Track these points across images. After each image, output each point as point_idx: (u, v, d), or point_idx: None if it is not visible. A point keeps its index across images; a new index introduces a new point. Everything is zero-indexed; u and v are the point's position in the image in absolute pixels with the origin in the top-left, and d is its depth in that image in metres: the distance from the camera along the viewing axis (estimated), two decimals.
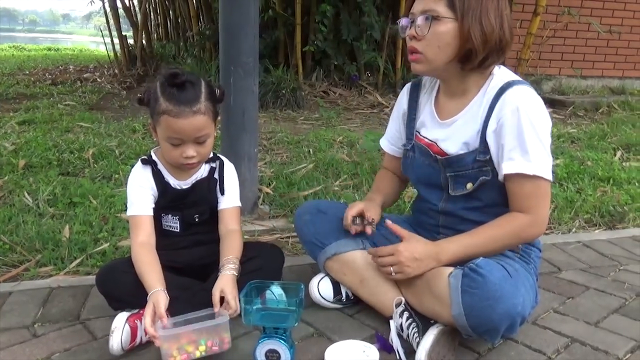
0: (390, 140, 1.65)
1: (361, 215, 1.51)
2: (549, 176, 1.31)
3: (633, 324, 1.53)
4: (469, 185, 1.38)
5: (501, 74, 1.37)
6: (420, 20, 1.32)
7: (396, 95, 5.78)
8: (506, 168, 1.31)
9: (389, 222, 1.42)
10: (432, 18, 1.30)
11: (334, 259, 1.53)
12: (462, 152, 1.38)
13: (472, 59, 1.31)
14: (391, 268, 1.35)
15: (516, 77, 1.36)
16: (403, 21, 1.37)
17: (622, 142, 3.79)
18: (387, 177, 1.70)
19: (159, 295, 1.29)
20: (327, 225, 1.56)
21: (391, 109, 5.27)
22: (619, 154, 3.53)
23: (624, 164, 3.30)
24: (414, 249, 1.34)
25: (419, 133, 1.50)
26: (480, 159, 1.35)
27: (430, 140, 1.46)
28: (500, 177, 1.34)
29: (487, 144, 1.33)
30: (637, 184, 2.86)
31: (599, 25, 5.42)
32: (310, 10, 5.41)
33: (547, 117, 1.32)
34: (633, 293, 1.72)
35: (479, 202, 1.40)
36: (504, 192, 1.36)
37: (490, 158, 1.34)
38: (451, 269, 1.30)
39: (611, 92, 6.16)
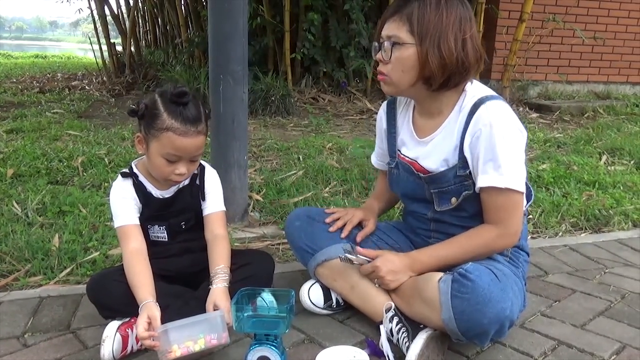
0: (379, 157, 1.70)
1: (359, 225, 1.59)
2: (520, 188, 1.34)
3: (618, 326, 1.55)
4: (453, 200, 1.43)
5: (474, 89, 1.40)
6: (386, 44, 1.37)
7: (385, 100, 5.81)
8: (480, 181, 1.35)
9: (359, 248, 1.48)
10: (395, 43, 1.35)
11: (324, 265, 1.54)
12: (442, 168, 1.42)
13: (432, 81, 1.35)
14: (375, 281, 1.46)
15: (490, 92, 1.40)
16: (375, 44, 1.43)
17: (607, 146, 3.85)
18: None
19: (153, 308, 1.29)
20: (318, 232, 1.58)
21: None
22: (604, 158, 3.58)
23: (609, 168, 3.35)
24: (390, 264, 1.42)
25: (400, 152, 1.54)
26: (460, 174, 1.39)
27: (411, 159, 1.50)
28: (477, 190, 1.38)
29: (465, 159, 1.37)
30: (622, 187, 2.90)
31: (582, 33, 5.50)
32: (299, 17, 5.44)
33: (521, 130, 1.36)
34: (618, 295, 1.75)
35: (466, 213, 1.44)
36: None
37: (470, 172, 1.38)
38: (441, 274, 1.32)
39: (596, 97, 6.24)
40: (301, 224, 1.60)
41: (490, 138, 1.31)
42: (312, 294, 1.58)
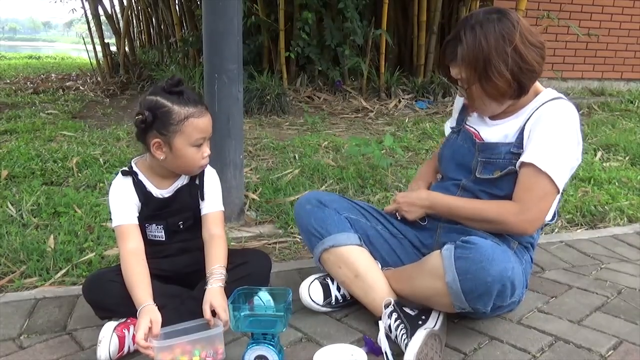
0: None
1: None
2: (558, 182, 1.39)
3: (615, 321, 1.56)
4: (496, 172, 1.48)
5: (550, 91, 1.50)
6: (462, 88, 1.48)
7: (381, 99, 5.80)
8: (524, 157, 1.41)
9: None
10: (464, 86, 1.46)
11: (330, 251, 1.55)
12: (499, 141, 1.50)
13: (511, 96, 1.44)
14: (397, 214, 1.60)
15: (563, 96, 1.49)
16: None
17: (602, 142, 3.86)
18: (433, 166, 1.81)
19: (155, 311, 1.29)
20: (328, 218, 1.58)
21: (376, 113, 5.28)
22: (599, 154, 3.59)
23: (604, 164, 3.36)
24: (409, 196, 1.61)
25: (466, 123, 1.63)
26: (513, 151, 1.46)
27: (475, 129, 1.58)
28: (518, 165, 1.43)
29: (522, 139, 1.45)
30: (617, 183, 2.91)
31: (577, 28, 5.52)
32: (294, 16, 5.43)
33: (578, 141, 1.43)
34: (614, 291, 1.75)
35: (498, 191, 1.49)
36: None
37: (521, 153, 1.44)
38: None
39: (591, 94, 6.26)
40: (312, 208, 1.60)
41: (549, 126, 1.40)
42: (312, 291, 1.58)
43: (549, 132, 1.40)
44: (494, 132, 1.53)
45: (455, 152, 1.61)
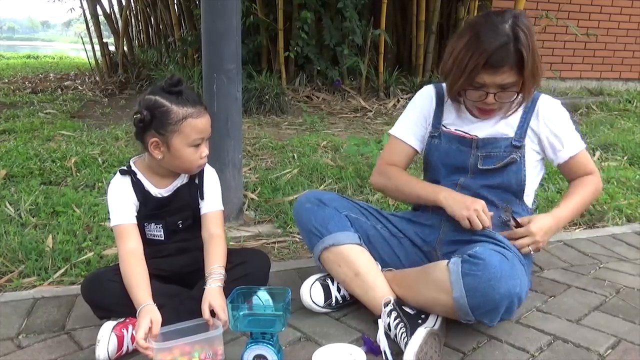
0: (411, 133, 1.70)
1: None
2: (584, 145, 1.64)
3: (613, 320, 1.56)
4: (498, 163, 1.55)
5: None
6: (505, 93, 1.47)
7: (379, 99, 5.78)
8: (572, 150, 1.59)
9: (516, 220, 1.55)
10: (512, 89, 1.46)
11: (331, 249, 1.55)
12: (494, 136, 1.56)
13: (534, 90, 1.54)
14: (529, 247, 1.50)
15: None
16: (473, 93, 1.49)
17: (601, 142, 3.86)
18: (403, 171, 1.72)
19: (156, 311, 1.29)
20: (328, 217, 1.58)
21: (374, 113, 5.25)
22: (597, 154, 3.60)
23: (602, 163, 3.36)
24: (542, 226, 1.51)
25: (444, 126, 1.63)
26: (515, 144, 1.55)
27: (461, 131, 1.60)
28: (562, 159, 1.60)
29: (522, 134, 1.55)
30: (615, 183, 2.91)
31: (576, 28, 5.52)
32: (293, 15, 5.43)
33: None
34: (613, 290, 1.75)
35: (499, 180, 1.56)
36: (518, 181, 1.57)
37: (524, 145, 1.55)
38: (447, 260, 1.36)
39: (589, 94, 6.26)
40: (312, 206, 1.60)
41: (562, 120, 1.59)
42: (313, 293, 1.57)
43: (563, 123, 1.59)
44: (485, 128, 1.57)
45: (444, 157, 1.62)
